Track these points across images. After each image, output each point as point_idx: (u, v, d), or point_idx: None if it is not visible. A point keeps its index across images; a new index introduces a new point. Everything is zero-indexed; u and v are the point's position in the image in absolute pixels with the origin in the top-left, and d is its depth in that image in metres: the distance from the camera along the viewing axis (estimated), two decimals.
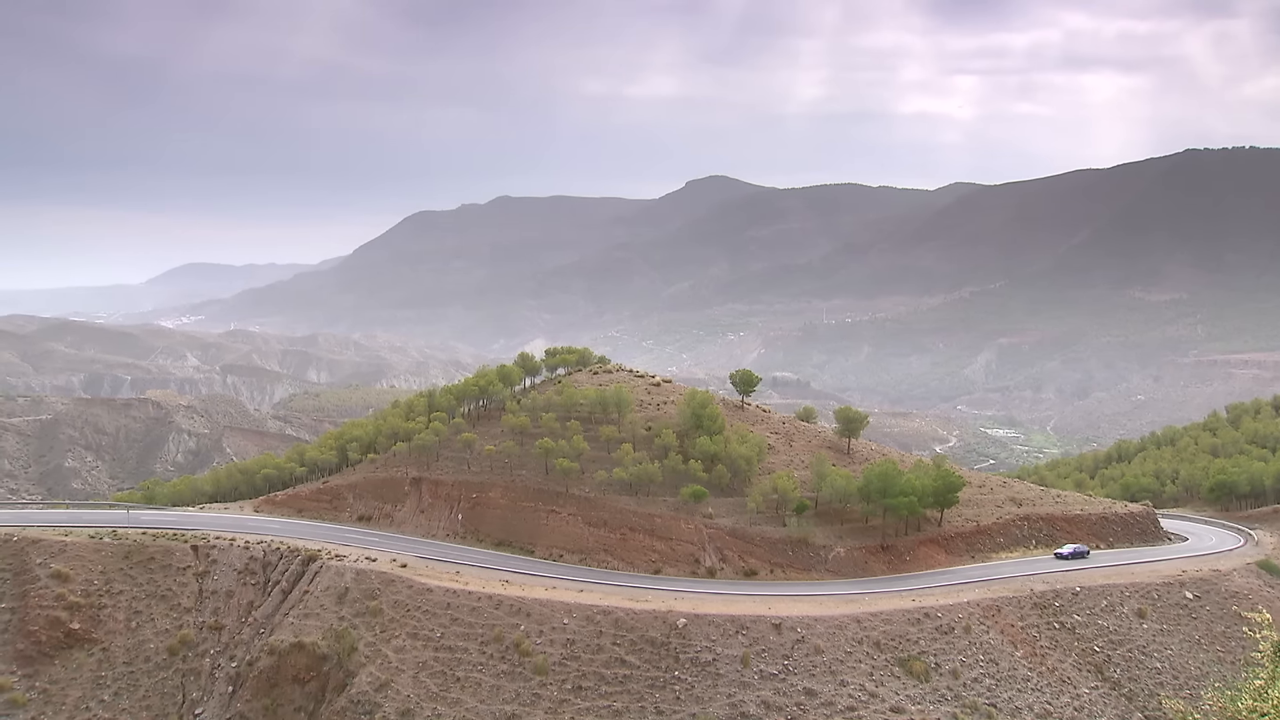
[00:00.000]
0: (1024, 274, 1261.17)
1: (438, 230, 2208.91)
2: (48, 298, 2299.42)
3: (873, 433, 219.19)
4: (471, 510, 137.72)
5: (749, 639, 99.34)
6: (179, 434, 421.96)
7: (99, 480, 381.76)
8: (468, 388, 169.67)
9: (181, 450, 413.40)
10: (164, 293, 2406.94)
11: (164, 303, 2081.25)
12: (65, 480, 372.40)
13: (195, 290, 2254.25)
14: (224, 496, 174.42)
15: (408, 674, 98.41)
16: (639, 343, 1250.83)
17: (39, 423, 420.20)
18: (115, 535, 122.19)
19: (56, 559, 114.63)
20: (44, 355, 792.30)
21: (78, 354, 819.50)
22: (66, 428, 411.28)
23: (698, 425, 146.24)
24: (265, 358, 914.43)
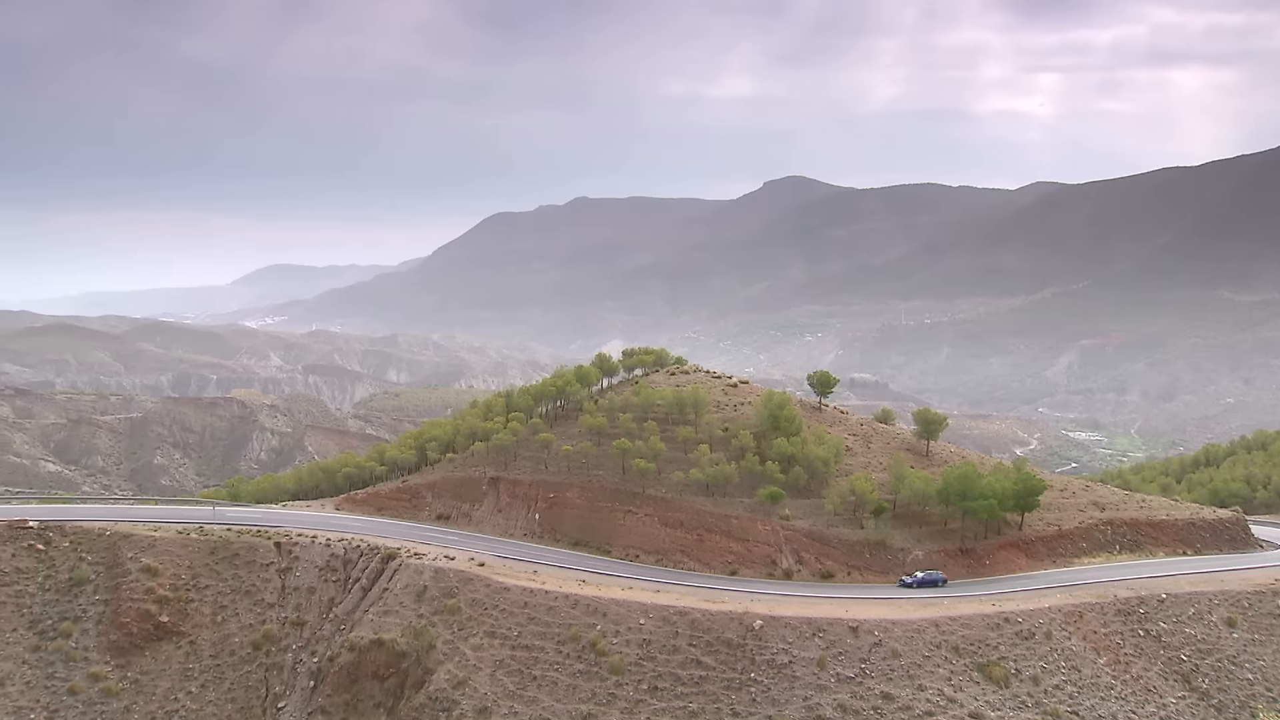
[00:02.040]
0: (1108, 275, 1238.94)
1: (516, 231, 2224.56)
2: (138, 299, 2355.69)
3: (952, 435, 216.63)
4: (548, 510, 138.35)
5: (825, 641, 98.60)
6: (262, 432, 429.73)
7: (186, 477, 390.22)
8: (545, 388, 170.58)
9: (265, 448, 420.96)
10: (249, 294, 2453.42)
11: (249, 303, 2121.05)
12: (154, 477, 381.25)
13: (279, 291, 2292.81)
14: (306, 494, 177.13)
15: (485, 672, 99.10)
16: (716, 343, 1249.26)
17: (130, 421, 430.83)
18: (202, 531, 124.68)
19: (146, 554, 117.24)
20: (135, 355, 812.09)
21: (166, 354, 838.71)
22: (156, 426, 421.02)
23: (775, 426, 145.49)
24: (346, 358, 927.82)
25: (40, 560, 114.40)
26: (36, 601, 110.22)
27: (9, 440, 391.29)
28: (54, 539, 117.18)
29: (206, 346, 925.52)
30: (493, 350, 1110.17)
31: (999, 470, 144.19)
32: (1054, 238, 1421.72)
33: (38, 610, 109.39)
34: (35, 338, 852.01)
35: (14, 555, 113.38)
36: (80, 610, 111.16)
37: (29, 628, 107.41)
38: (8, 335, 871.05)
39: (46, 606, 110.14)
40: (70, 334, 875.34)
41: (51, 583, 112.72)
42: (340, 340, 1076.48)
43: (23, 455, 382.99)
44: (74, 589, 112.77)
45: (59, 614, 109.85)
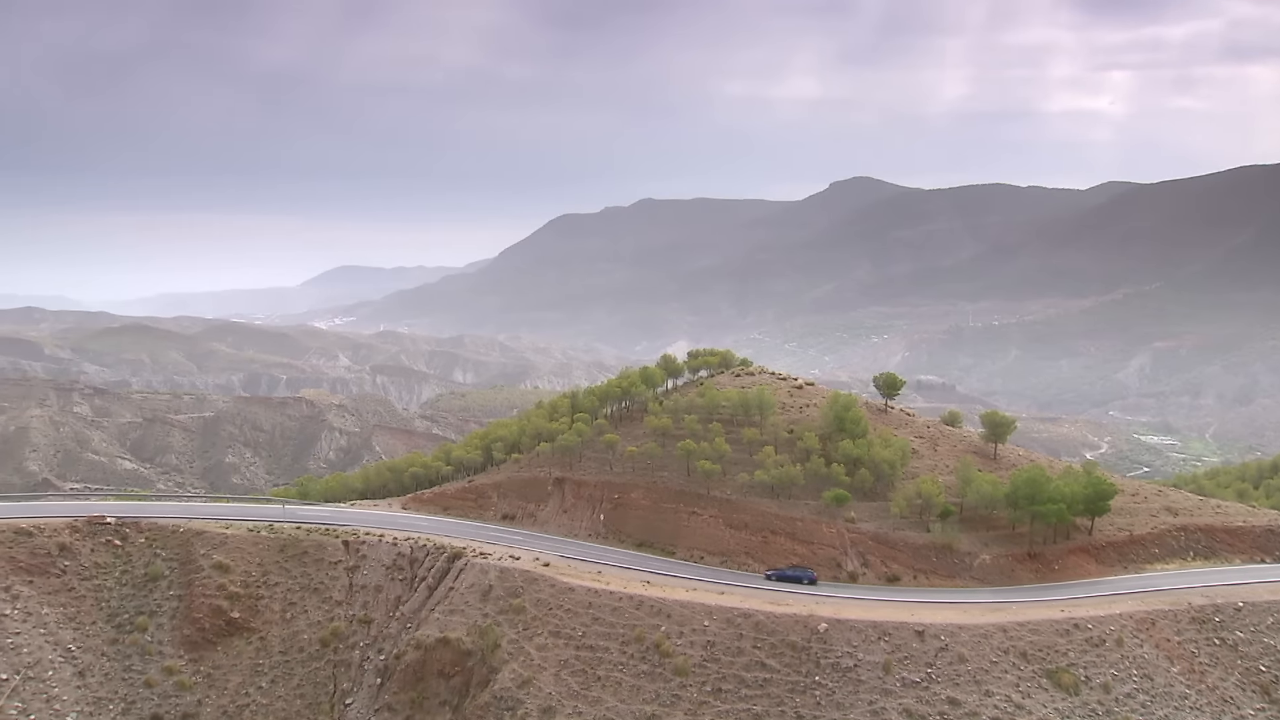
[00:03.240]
0: (1182, 275, 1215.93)
1: (582, 233, 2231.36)
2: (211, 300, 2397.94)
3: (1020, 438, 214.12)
4: (613, 510, 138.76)
5: (891, 645, 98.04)
6: (331, 432, 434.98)
7: (257, 476, 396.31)
8: (610, 389, 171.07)
9: (333, 448, 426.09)
10: (318, 295, 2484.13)
11: (318, 304, 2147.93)
12: (226, 475, 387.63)
13: (347, 292, 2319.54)
14: (373, 493, 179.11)
15: (549, 671, 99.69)
16: (781, 345, 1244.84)
17: (202, 420, 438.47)
18: (272, 529, 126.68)
19: (218, 550, 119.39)
20: (207, 355, 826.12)
21: (238, 354, 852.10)
22: (227, 425, 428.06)
23: (840, 428, 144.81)
24: (413, 358, 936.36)
25: (117, 556, 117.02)
26: (114, 596, 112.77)
27: (88, 438, 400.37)
28: (130, 535, 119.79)
29: (277, 347, 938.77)
30: (558, 351, 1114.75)
31: (1068, 474, 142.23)
32: (1126, 238, 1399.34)
33: (115, 604, 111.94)
34: (112, 338, 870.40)
35: (93, 550, 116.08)
36: (155, 605, 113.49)
37: (107, 621, 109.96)
38: (87, 336, 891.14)
39: (123, 601, 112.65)
40: (146, 334, 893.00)
41: (128, 578, 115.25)
42: (407, 341, 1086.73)
43: (101, 453, 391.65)
44: (149, 584, 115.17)
45: (135, 608, 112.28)
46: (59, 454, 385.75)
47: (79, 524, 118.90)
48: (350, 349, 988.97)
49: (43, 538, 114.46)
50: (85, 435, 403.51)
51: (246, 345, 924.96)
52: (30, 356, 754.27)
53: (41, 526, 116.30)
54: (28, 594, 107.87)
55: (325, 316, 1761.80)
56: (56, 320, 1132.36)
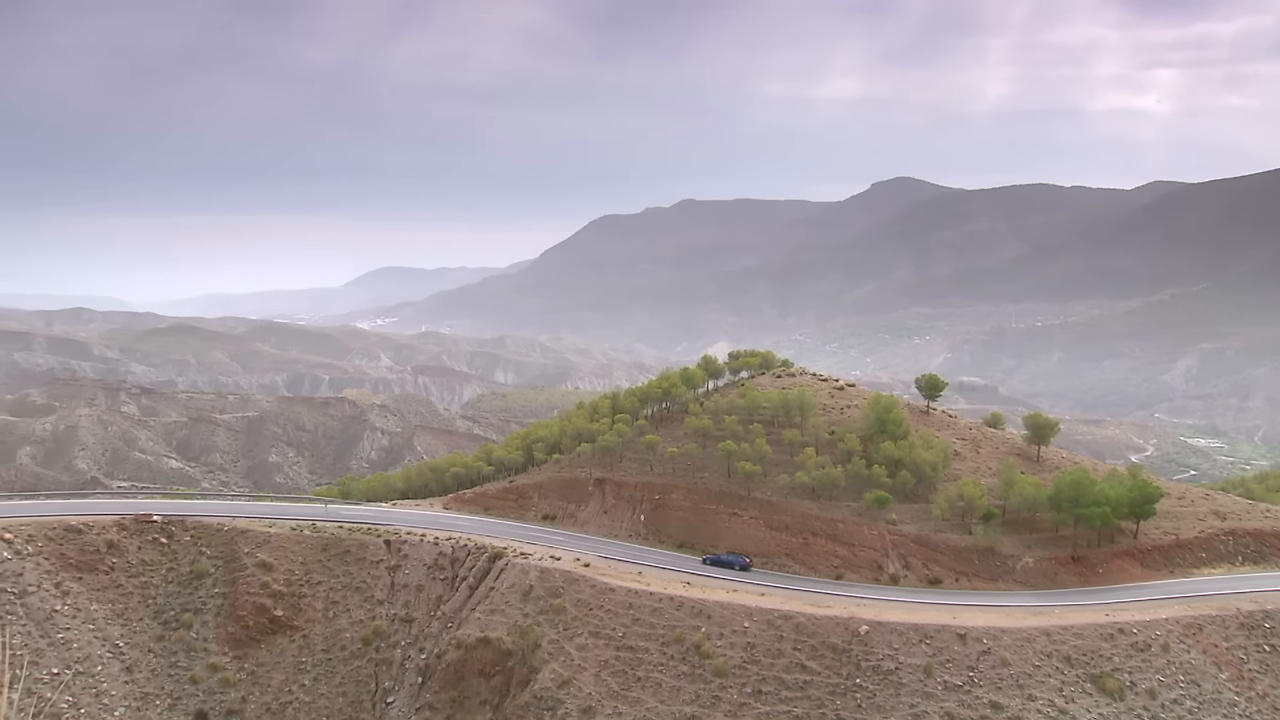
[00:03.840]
0: (1230, 276, 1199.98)
1: (623, 234, 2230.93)
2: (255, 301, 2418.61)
3: (1063, 440, 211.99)
4: (654, 511, 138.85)
5: (933, 648, 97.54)
6: (373, 432, 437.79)
7: (299, 475, 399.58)
8: (651, 390, 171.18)
9: (375, 448, 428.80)
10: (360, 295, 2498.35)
11: (360, 305, 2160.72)
12: (269, 474, 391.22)
13: (389, 293, 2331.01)
14: (415, 493, 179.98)
15: (589, 672, 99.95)
16: (823, 346, 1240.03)
17: (246, 419, 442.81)
18: (314, 528, 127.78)
19: (262, 549, 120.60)
20: (251, 355, 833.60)
21: (281, 354, 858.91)
22: (271, 424, 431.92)
23: (882, 430, 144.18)
24: (455, 359, 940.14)
25: (163, 553, 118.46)
26: (160, 593, 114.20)
27: (135, 437, 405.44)
28: (176, 533, 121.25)
29: (320, 347, 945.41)
30: (599, 352, 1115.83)
31: (1113, 476, 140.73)
32: (1172, 238, 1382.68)
33: (161, 601, 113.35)
34: (159, 338, 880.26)
35: (139, 548, 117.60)
36: (200, 602, 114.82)
37: (154, 617, 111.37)
38: (134, 336, 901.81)
39: (169, 598, 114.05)
40: (191, 335, 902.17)
41: (174, 575, 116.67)
42: (449, 341, 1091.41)
43: (147, 452, 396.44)
44: (194, 582, 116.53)
45: (181, 605, 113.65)
46: (107, 453, 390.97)
47: (127, 522, 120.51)
48: (392, 349, 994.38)
49: (92, 535, 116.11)
50: (132, 434, 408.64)
51: (290, 345, 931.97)
52: (80, 356, 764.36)
53: (91, 524, 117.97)
54: (77, 590, 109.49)
55: (368, 317, 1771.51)
56: (105, 321, 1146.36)
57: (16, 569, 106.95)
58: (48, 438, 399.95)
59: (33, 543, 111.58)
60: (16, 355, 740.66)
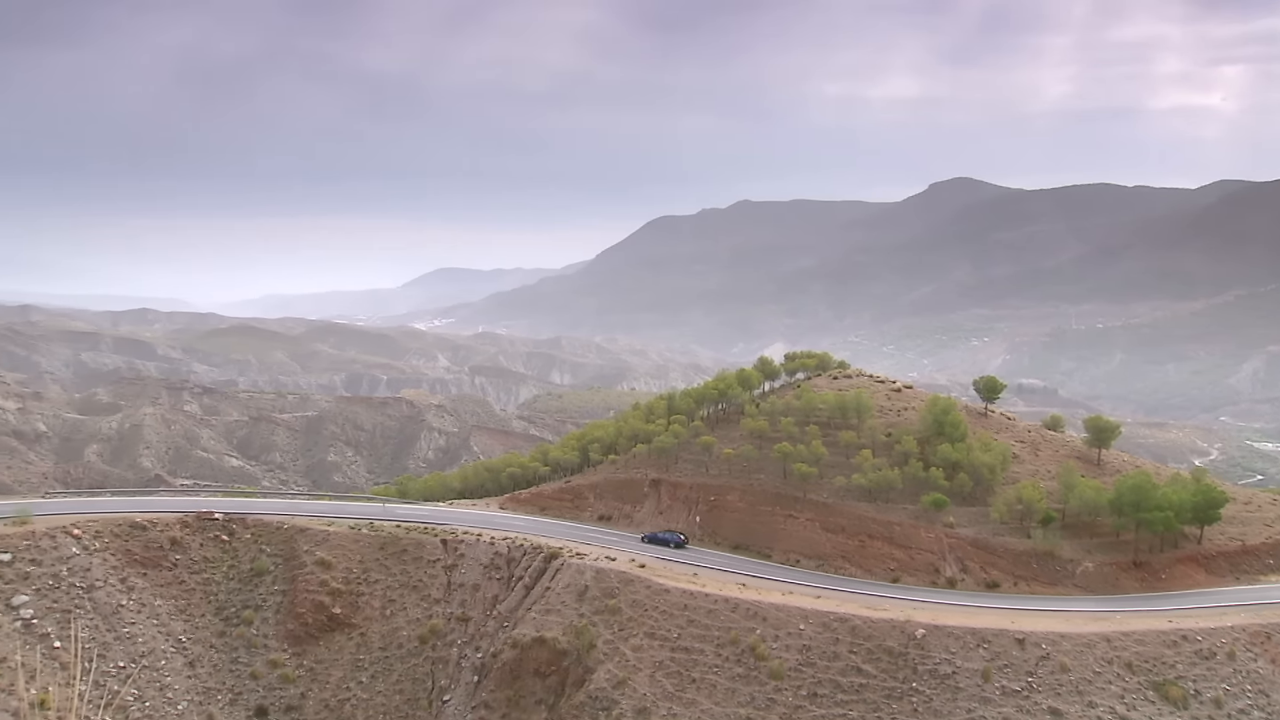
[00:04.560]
0: None
1: (679, 234, 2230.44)
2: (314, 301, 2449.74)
3: (1125, 443, 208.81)
4: (709, 513, 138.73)
5: (990, 653, 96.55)
6: (430, 432, 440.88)
7: (357, 474, 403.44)
8: (707, 391, 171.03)
9: (432, 447, 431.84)
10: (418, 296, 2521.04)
11: (417, 306, 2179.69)
12: (328, 473, 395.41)
13: (446, 294, 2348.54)
14: (471, 493, 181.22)
15: (644, 673, 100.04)
16: (879, 348, 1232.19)
17: (305, 419, 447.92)
18: (372, 527, 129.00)
19: (320, 547, 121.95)
20: (310, 355, 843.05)
21: (340, 354, 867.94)
22: (329, 424, 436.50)
23: (939, 432, 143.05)
24: (511, 359, 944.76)
25: (225, 550, 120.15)
26: (221, 589, 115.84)
27: (197, 436, 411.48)
28: (237, 531, 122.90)
29: (377, 347, 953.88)
30: (655, 353, 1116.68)
31: (1176, 481, 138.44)
32: (1239, 238, 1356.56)
33: (223, 598, 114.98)
34: (220, 339, 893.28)
35: (201, 545, 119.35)
36: (260, 599, 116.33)
37: (215, 614, 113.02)
38: (197, 336, 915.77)
39: (230, 595, 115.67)
40: (252, 335, 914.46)
41: (235, 572, 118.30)
42: (505, 342, 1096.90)
43: (209, 450, 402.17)
44: (254, 579, 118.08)
45: (241, 602, 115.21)
46: (170, 451, 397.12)
47: (189, 519, 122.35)
48: (449, 350, 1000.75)
49: (156, 532, 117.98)
50: (195, 433, 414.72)
51: (348, 346, 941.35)
52: (144, 356, 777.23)
53: (155, 521, 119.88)
54: (142, 586, 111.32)
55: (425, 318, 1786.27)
56: (169, 321, 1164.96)
57: (84, 564, 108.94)
58: (114, 436, 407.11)
59: (100, 539, 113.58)
60: (84, 355, 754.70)
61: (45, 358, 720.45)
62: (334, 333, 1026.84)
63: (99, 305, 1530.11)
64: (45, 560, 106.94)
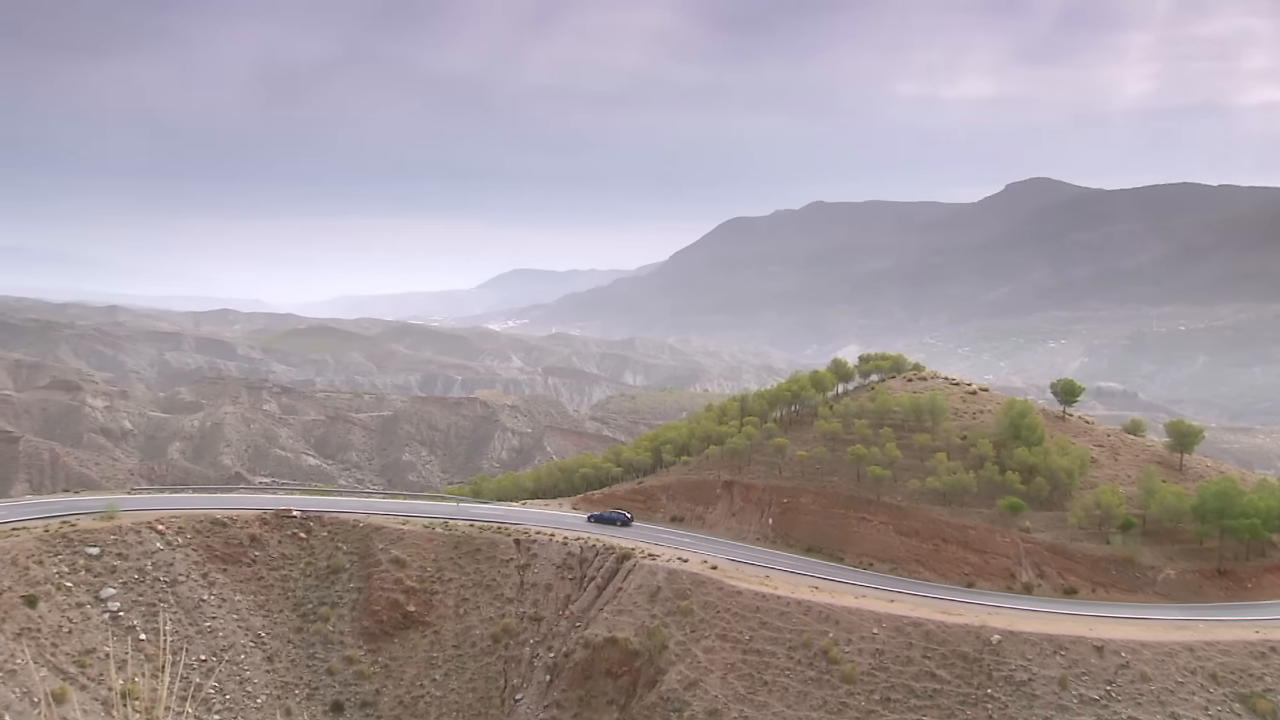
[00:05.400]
0: None
1: (752, 236, 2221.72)
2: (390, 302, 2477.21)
3: (1209, 448, 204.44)
4: (782, 515, 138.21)
5: (1068, 660, 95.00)
6: (504, 432, 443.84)
7: (432, 474, 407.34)
8: (780, 393, 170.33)
9: (506, 448, 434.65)
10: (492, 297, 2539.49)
11: (492, 307, 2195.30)
12: (403, 473, 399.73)
13: (521, 295, 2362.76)
14: (544, 493, 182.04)
15: (716, 674, 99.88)
16: (955, 350, 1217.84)
17: (381, 419, 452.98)
18: (446, 526, 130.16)
19: (395, 545, 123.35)
20: (386, 356, 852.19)
21: (415, 354, 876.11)
22: (405, 424, 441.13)
23: (1015, 435, 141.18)
24: (584, 360, 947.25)
25: (302, 548, 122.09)
26: (299, 586, 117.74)
27: (276, 435, 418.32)
28: (314, 528, 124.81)
29: (452, 348, 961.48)
30: (728, 354, 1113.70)
31: (1263, 487, 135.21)
32: None
33: (300, 594, 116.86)
34: (299, 339, 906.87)
35: (280, 542, 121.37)
36: (336, 596, 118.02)
37: (293, 610, 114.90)
38: (276, 337, 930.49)
39: (308, 591, 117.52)
40: (329, 335, 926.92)
41: (312, 569, 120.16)
42: (579, 343, 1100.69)
43: (287, 449, 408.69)
44: (331, 576, 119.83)
45: (318, 599, 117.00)
46: (249, 449, 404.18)
47: (268, 516, 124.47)
48: (523, 351, 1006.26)
49: (235, 528, 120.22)
50: (273, 432, 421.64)
51: (423, 346, 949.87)
52: (225, 356, 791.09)
53: (234, 518, 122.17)
54: (222, 581, 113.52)
55: (499, 318, 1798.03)
56: (248, 322, 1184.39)
57: (168, 559, 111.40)
58: (195, 434, 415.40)
59: (182, 534, 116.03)
60: (168, 355, 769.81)
61: (131, 357, 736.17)
62: (409, 333, 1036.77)
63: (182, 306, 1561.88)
64: (131, 555, 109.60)
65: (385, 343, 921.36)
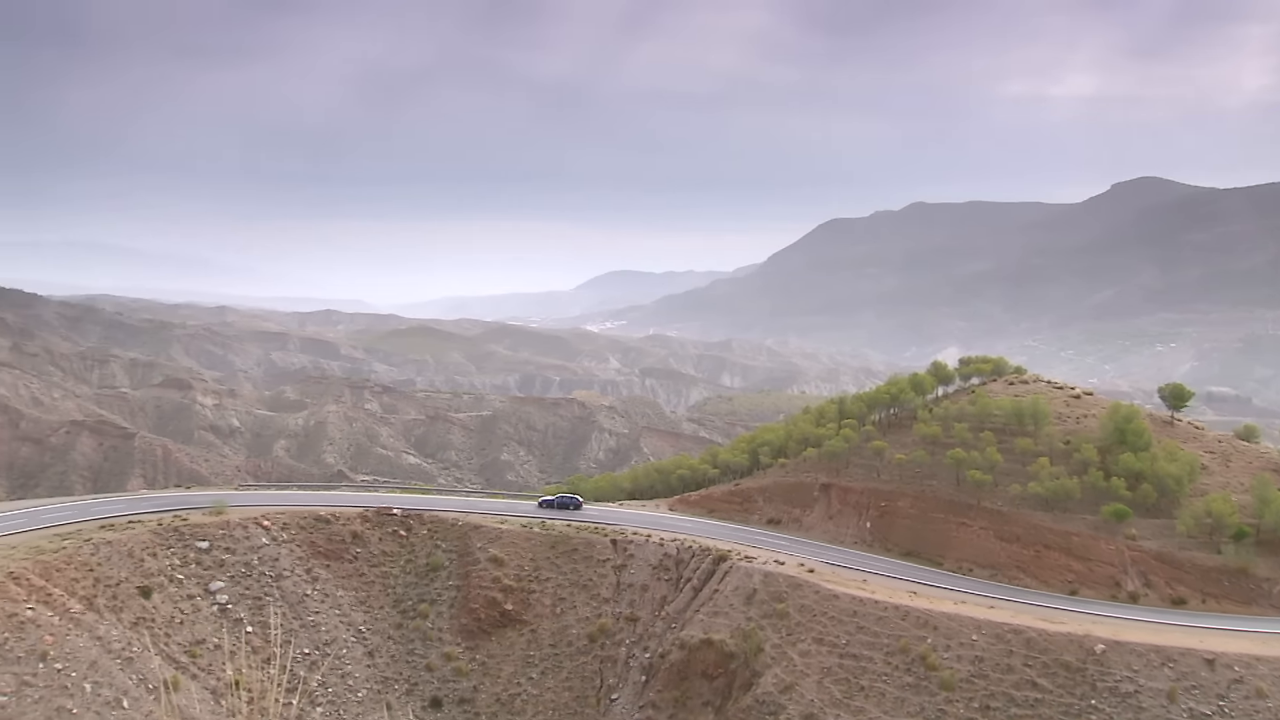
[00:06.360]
0: None
1: (851, 237, 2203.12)
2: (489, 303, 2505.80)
3: None
4: (879, 518, 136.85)
5: (1176, 673, 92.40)
6: (601, 433, 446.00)
7: (529, 473, 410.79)
8: (879, 395, 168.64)
9: (603, 448, 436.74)
10: (590, 299, 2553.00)
11: (590, 308, 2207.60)
12: (501, 472, 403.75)
13: (618, 296, 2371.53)
14: (641, 494, 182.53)
15: (812, 678, 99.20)
16: (1058, 353, 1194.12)
17: (480, 419, 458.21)
18: (544, 526, 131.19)
19: (494, 544, 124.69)
20: (485, 356, 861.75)
21: (514, 355, 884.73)
22: (503, 424, 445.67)
23: (1121, 440, 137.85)
24: (681, 362, 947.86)
25: (402, 545, 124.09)
26: (399, 583, 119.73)
27: (377, 434, 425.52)
28: (414, 526, 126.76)
29: (550, 349, 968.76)
30: (825, 356, 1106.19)
31: None
32: None
33: (400, 591, 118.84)
34: (400, 339, 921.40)
35: (381, 540, 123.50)
36: (435, 594, 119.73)
37: (393, 606, 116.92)
38: (378, 337, 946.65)
39: (407, 588, 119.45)
40: (429, 336, 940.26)
41: (412, 566, 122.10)
42: (676, 345, 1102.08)
43: (388, 448, 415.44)
44: (430, 573, 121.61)
45: (418, 596, 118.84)
46: (352, 447, 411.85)
47: (369, 514, 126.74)
48: (620, 352, 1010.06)
49: (338, 525, 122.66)
50: (375, 431, 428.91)
51: (522, 347, 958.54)
52: (329, 356, 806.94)
53: (337, 515, 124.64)
54: (325, 577, 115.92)
55: (597, 320, 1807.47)
56: (351, 322, 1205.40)
57: (274, 554, 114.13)
58: (300, 432, 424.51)
59: (287, 530, 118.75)
60: (274, 354, 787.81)
61: (239, 356, 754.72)
62: (508, 334, 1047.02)
63: (287, 307, 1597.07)
64: (238, 549, 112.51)
65: (484, 343, 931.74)
